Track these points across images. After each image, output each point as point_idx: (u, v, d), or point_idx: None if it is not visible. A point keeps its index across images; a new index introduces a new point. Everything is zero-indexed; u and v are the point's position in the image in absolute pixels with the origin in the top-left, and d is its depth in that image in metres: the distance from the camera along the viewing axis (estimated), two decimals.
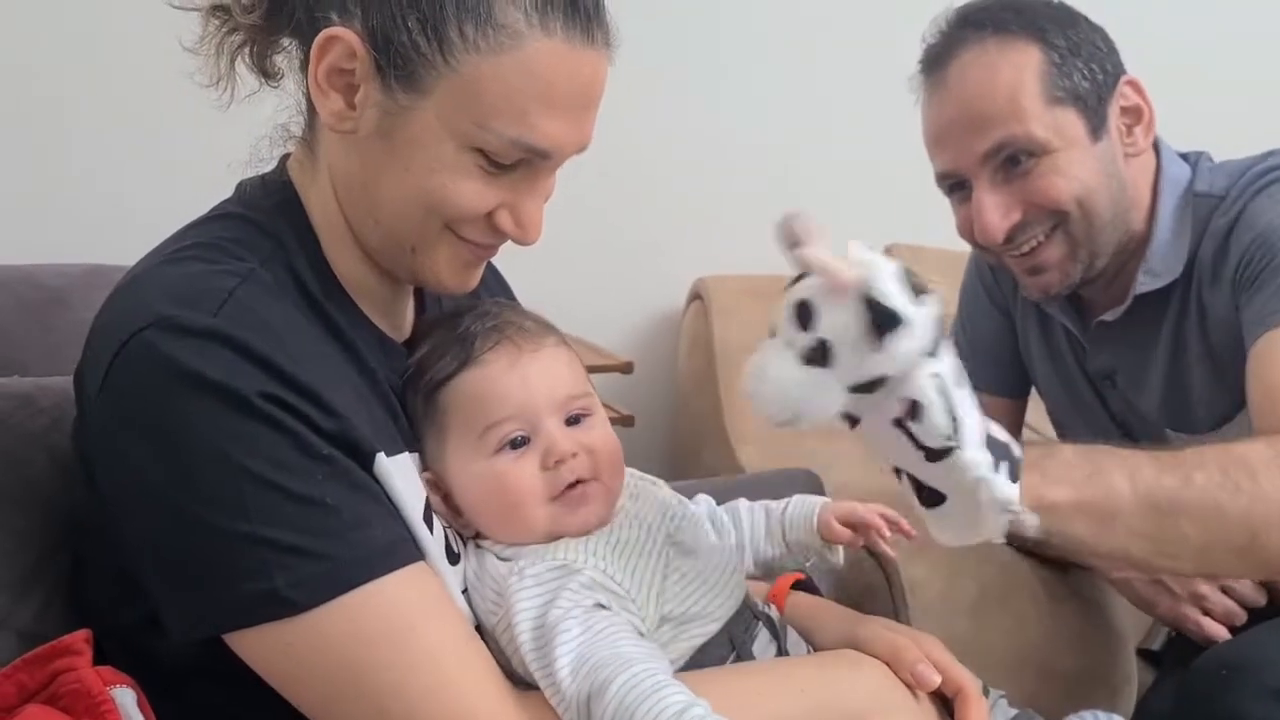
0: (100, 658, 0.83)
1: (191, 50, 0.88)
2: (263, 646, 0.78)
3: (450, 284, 0.90)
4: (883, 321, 0.76)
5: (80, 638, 0.82)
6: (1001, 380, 1.52)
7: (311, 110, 0.89)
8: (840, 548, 1.06)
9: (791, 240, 0.78)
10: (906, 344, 0.76)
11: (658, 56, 2.19)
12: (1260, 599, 1.24)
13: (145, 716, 0.81)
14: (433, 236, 0.87)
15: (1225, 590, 1.24)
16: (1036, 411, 1.58)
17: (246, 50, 0.89)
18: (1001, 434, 0.87)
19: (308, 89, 0.87)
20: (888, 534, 1.04)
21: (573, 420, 0.90)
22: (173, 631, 0.79)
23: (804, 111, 2.27)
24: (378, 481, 0.82)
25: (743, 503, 1.08)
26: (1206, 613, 1.24)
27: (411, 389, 0.91)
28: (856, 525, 1.04)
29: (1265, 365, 1.13)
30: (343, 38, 0.82)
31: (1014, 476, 0.86)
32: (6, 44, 1.87)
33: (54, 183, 1.90)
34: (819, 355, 0.78)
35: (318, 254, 0.88)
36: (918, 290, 0.77)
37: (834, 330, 0.77)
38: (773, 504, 1.08)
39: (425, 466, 0.90)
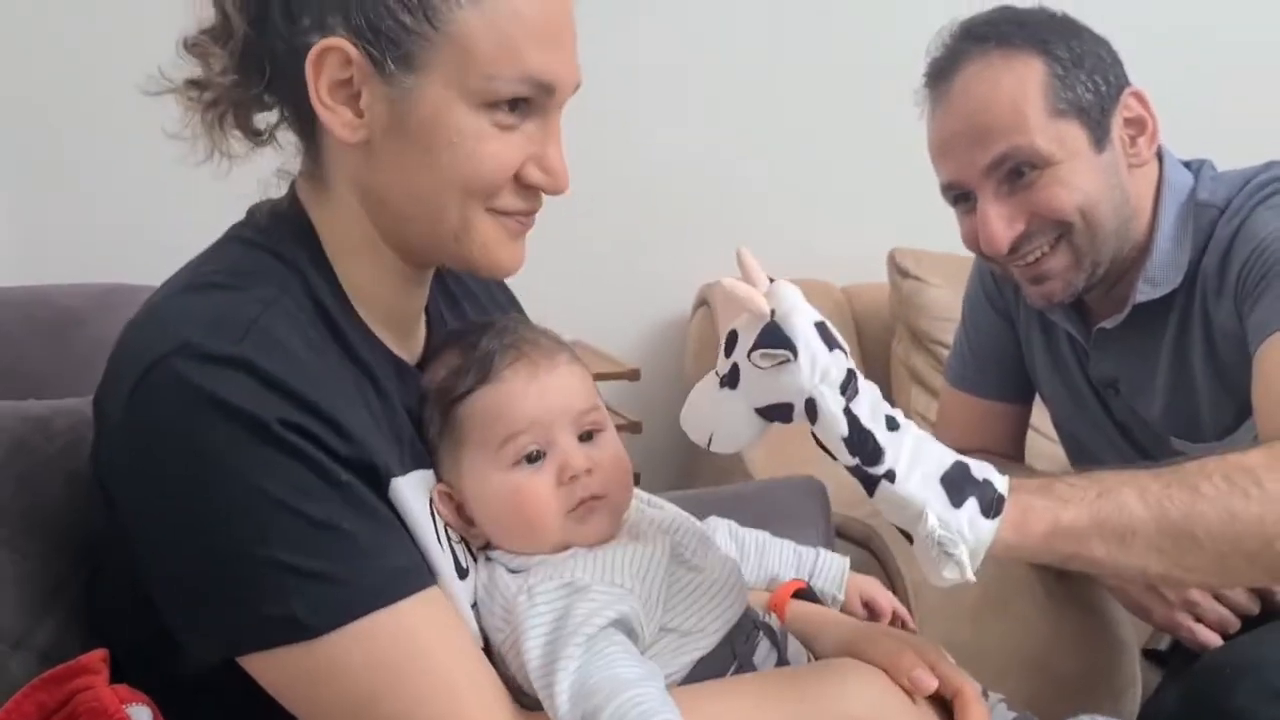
0: (117, 676, 0.85)
1: (175, 135, 0.89)
2: (278, 669, 0.79)
3: (503, 260, 0.91)
4: (778, 350, 0.83)
5: (97, 657, 0.84)
6: (1005, 386, 1.53)
7: (310, 142, 0.90)
8: None
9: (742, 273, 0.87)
10: (798, 377, 0.83)
11: (664, 62, 2.21)
12: (1254, 607, 1.24)
13: None
14: (472, 216, 0.88)
15: (1218, 598, 1.24)
16: (1039, 416, 1.59)
17: (230, 117, 0.89)
18: (980, 470, 0.87)
19: (299, 129, 0.89)
20: (909, 623, 1.10)
21: (585, 436, 0.92)
22: (190, 653, 0.81)
23: (809, 118, 2.28)
24: (392, 505, 0.84)
25: (765, 534, 1.12)
26: (1200, 619, 1.24)
27: (428, 405, 0.92)
28: (869, 605, 1.10)
29: (1269, 370, 1.14)
30: (333, 47, 0.83)
31: (989, 511, 0.86)
32: (20, 66, 1.90)
33: (67, 204, 1.93)
34: (731, 379, 0.86)
35: (333, 280, 0.90)
36: (828, 340, 0.84)
37: (741, 356, 0.85)
38: (803, 548, 1.12)
39: (439, 478, 0.91)
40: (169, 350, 0.79)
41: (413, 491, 0.86)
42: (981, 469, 0.87)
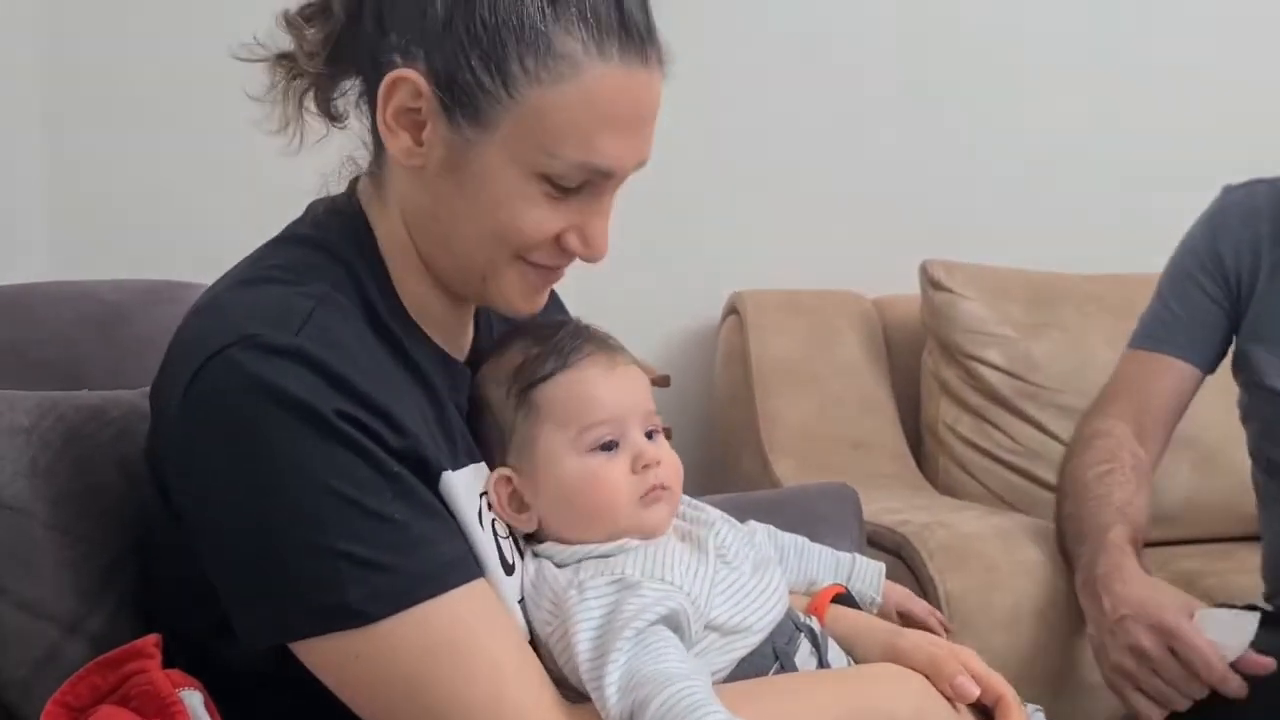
0: (169, 661, 0.86)
1: (257, 99, 0.91)
2: (330, 655, 0.80)
3: (521, 307, 0.93)
4: None
5: (150, 642, 0.85)
6: (1199, 349, 1.52)
7: (378, 146, 0.92)
8: None
9: None
10: None
11: (697, 71, 2.20)
12: (1199, 693, 1.21)
13: (213, 718, 0.84)
14: (503, 264, 0.90)
15: (1157, 672, 1.21)
16: None
17: (311, 94, 0.92)
18: None
19: (374, 126, 0.90)
20: (939, 631, 1.11)
21: (649, 435, 0.95)
22: (243, 638, 0.82)
23: (841, 128, 2.29)
24: (442, 499, 0.85)
25: (804, 538, 1.13)
26: (1140, 689, 1.22)
27: (496, 389, 0.94)
28: (905, 616, 1.11)
29: None
30: (408, 79, 0.85)
31: None
32: (66, 65, 1.93)
33: (114, 200, 1.95)
34: None
35: (385, 279, 0.92)
36: None
37: None
38: (840, 553, 1.13)
39: (501, 462, 0.93)
40: (228, 341, 0.81)
41: (463, 487, 0.87)
42: None
